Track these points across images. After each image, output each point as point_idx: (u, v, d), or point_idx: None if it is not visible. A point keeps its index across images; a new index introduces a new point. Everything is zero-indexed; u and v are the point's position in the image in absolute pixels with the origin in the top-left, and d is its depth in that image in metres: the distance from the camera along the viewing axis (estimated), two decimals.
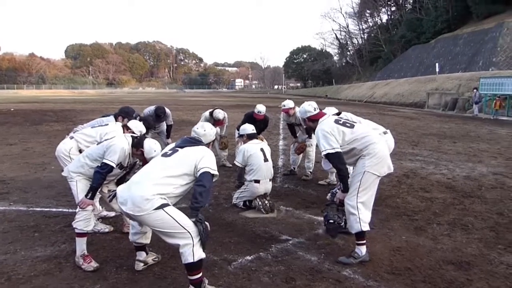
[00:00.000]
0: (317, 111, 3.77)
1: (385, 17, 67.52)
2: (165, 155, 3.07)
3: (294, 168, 6.93)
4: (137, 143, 3.55)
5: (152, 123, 5.26)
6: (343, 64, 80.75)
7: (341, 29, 75.65)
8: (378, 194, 3.67)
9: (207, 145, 3.26)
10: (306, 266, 3.40)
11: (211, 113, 7.12)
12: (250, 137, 5.21)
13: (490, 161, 8.26)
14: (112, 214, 4.54)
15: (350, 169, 3.80)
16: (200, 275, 2.82)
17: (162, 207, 2.74)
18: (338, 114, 4.88)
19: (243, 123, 5.94)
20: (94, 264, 3.29)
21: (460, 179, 6.60)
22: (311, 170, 6.61)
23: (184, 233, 2.74)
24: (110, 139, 3.61)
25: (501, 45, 30.61)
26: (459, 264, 3.45)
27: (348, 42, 77.21)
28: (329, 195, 4.92)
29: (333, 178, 6.17)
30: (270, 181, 5.02)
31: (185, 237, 2.74)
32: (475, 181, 6.46)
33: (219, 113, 7.02)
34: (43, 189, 5.74)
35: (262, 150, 5.00)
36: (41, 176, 6.58)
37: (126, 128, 4.18)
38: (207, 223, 2.86)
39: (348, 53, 78.69)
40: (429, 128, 14.91)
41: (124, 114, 4.69)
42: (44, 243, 3.82)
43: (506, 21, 32.46)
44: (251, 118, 6.55)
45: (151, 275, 3.21)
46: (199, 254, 2.76)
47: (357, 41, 74.54)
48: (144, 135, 4.12)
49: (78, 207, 3.41)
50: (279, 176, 6.79)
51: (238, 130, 6.34)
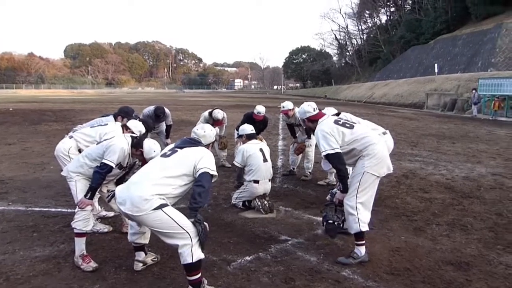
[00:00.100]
0: (317, 111, 3.77)
1: (384, 18, 67.77)
2: (164, 155, 3.06)
3: (293, 168, 6.93)
4: (137, 143, 3.54)
5: (151, 125, 5.26)
6: (342, 64, 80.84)
7: (341, 30, 75.87)
8: (377, 194, 3.67)
9: (207, 146, 3.26)
10: (305, 266, 3.39)
11: (210, 113, 7.15)
12: (249, 137, 5.21)
13: (489, 161, 8.27)
14: (111, 214, 4.54)
15: (349, 169, 3.80)
16: (199, 275, 2.81)
17: (161, 207, 2.73)
18: (337, 114, 4.88)
19: (242, 123, 5.94)
20: (93, 264, 3.29)
21: (459, 180, 6.61)
22: (310, 170, 6.62)
23: (182, 233, 2.73)
24: (109, 139, 3.60)
25: (499, 46, 30.69)
26: (458, 264, 3.45)
27: (347, 42, 77.39)
28: (329, 195, 4.91)
29: (332, 178, 6.17)
30: (269, 181, 5.02)
31: (183, 237, 2.74)
32: (474, 182, 6.47)
33: (218, 113, 7.04)
34: (42, 189, 5.73)
35: (261, 150, 5.00)
36: (40, 176, 6.57)
37: (125, 128, 4.18)
38: (206, 224, 2.85)
39: (347, 53, 78.81)
40: (428, 128, 14.93)
41: (123, 114, 4.68)
42: (43, 243, 3.81)
43: (504, 22, 32.55)
44: (250, 118, 6.56)
45: (150, 276, 3.21)
46: (198, 254, 2.76)
47: (356, 41, 74.75)
48: (143, 135, 4.12)
49: (77, 207, 3.41)
50: (278, 176, 6.79)
51: (237, 130, 6.35)
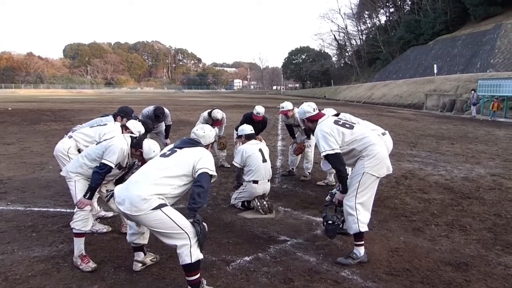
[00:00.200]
0: (316, 111, 3.77)
1: (383, 18, 67.96)
2: (163, 155, 3.06)
3: (292, 168, 6.93)
4: (136, 143, 3.54)
5: (150, 126, 5.26)
6: (342, 65, 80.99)
7: (340, 30, 76.00)
8: (376, 195, 3.66)
9: (206, 146, 3.25)
10: (304, 266, 3.39)
11: (209, 113, 7.16)
12: (248, 137, 5.21)
13: (488, 162, 8.29)
14: (110, 214, 4.54)
15: (348, 170, 3.80)
16: (198, 276, 2.81)
17: (159, 207, 2.73)
18: (336, 115, 4.88)
19: (242, 123, 5.94)
20: (92, 264, 3.28)
21: (458, 180, 6.61)
22: (309, 171, 6.62)
23: (181, 233, 2.73)
24: (109, 139, 3.60)
25: (498, 46, 30.77)
26: (457, 265, 3.45)
27: (346, 43, 77.47)
28: (328, 196, 4.92)
29: (331, 179, 6.18)
30: (268, 181, 5.03)
31: (182, 237, 2.73)
32: (473, 182, 6.48)
33: (218, 113, 7.06)
34: (41, 189, 5.72)
35: (260, 150, 5.00)
36: (39, 175, 6.56)
37: (125, 128, 4.18)
38: (205, 224, 2.85)
39: (346, 54, 78.93)
40: (427, 129, 14.95)
41: (123, 113, 4.67)
42: (41, 243, 3.80)
43: (503, 23, 32.65)
44: (249, 119, 6.56)
45: (149, 276, 3.20)
46: (197, 255, 2.75)
47: (356, 42, 74.87)
48: (143, 135, 4.11)
49: (76, 207, 3.40)
50: (278, 176, 6.79)
51: (236, 130, 6.34)
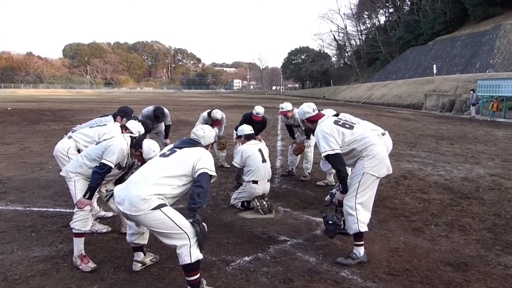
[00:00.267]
0: (316, 112, 3.77)
1: (383, 19, 68.00)
2: (163, 155, 3.06)
3: (292, 169, 6.92)
4: (136, 143, 3.54)
5: (150, 126, 5.26)
6: (341, 65, 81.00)
7: (339, 30, 75.96)
8: (376, 195, 3.66)
9: (206, 147, 3.25)
10: (304, 267, 3.39)
11: (209, 113, 7.17)
12: (248, 138, 5.21)
13: (487, 162, 8.30)
14: (109, 214, 4.54)
15: (348, 170, 3.79)
16: (198, 276, 2.81)
17: (159, 207, 2.73)
18: (336, 115, 4.88)
19: (241, 124, 5.93)
20: (91, 264, 3.27)
21: (457, 181, 6.62)
22: (309, 171, 6.62)
23: (181, 233, 2.73)
24: (108, 139, 3.60)
25: (498, 47, 30.81)
26: (457, 265, 3.46)
27: (346, 43, 77.48)
28: (328, 196, 4.92)
29: (331, 179, 6.18)
30: (268, 182, 5.03)
31: (182, 237, 2.73)
32: (472, 183, 6.48)
33: (217, 113, 7.07)
34: (40, 189, 5.71)
35: (260, 151, 5.00)
36: (38, 175, 6.56)
37: (124, 128, 4.18)
38: (204, 224, 2.85)
39: (346, 54, 78.97)
40: (427, 129, 14.97)
41: (123, 113, 4.67)
42: (41, 243, 3.80)
43: (503, 23, 32.70)
44: (249, 119, 6.54)
45: (149, 276, 3.20)
46: (197, 255, 2.75)
47: (355, 42, 74.86)
48: (142, 135, 4.11)
49: (76, 207, 3.40)
50: (277, 177, 6.79)
51: (236, 130, 6.34)
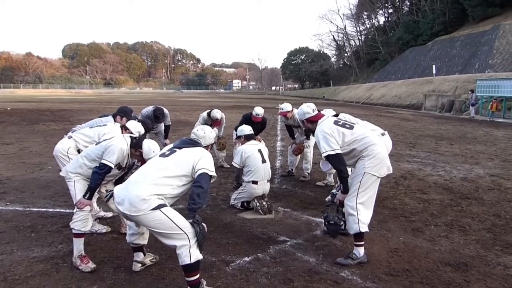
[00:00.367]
0: (316, 112, 3.77)
1: (382, 19, 68.06)
2: (163, 155, 3.05)
3: (292, 169, 6.92)
4: (136, 143, 3.54)
5: (150, 126, 5.27)
6: (341, 65, 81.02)
7: (339, 31, 75.99)
8: (376, 195, 3.66)
9: (206, 147, 3.25)
10: (304, 267, 3.39)
11: (208, 114, 7.18)
12: (247, 138, 5.21)
13: (486, 162, 8.30)
14: (109, 214, 4.53)
15: (348, 170, 3.79)
16: (197, 276, 2.81)
17: (159, 207, 2.72)
18: (336, 115, 4.88)
19: (241, 124, 5.93)
20: (91, 265, 3.27)
21: (457, 181, 6.62)
22: (308, 171, 6.62)
23: (181, 234, 2.73)
24: (108, 139, 3.60)
25: (497, 47, 30.85)
26: (456, 265, 3.46)
27: (345, 43, 77.49)
28: (329, 196, 4.92)
29: (331, 179, 6.18)
30: (268, 182, 5.02)
31: (181, 238, 2.73)
32: (472, 183, 6.49)
33: (217, 113, 7.09)
34: (40, 189, 5.71)
35: (260, 151, 4.99)
36: (38, 176, 6.55)
37: (124, 128, 4.18)
38: (204, 224, 2.85)
39: (345, 54, 79.00)
40: (426, 129, 14.98)
41: (122, 113, 4.67)
42: (41, 244, 3.79)
43: (502, 24, 32.74)
44: (249, 120, 6.52)
45: (148, 276, 3.20)
46: (196, 255, 2.75)
47: (355, 42, 74.86)
48: (142, 135, 4.11)
49: (75, 207, 3.40)
50: (277, 177, 6.79)
51: (236, 131, 6.34)
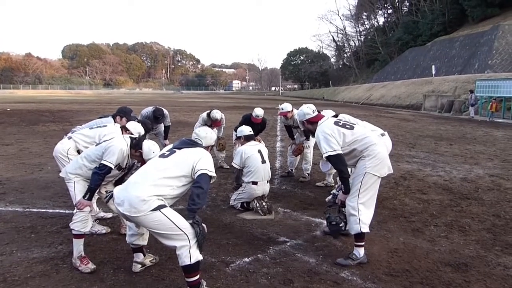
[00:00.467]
0: (316, 113, 3.78)
1: (381, 20, 68.04)
2: (162, 156, 3.05)
3: (291, 169, 6.92)
4: (136, 144, 3.54)
5: (150, 126, 5.27)
6: (340, 66, 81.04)
7: (338, 31, 75.96)
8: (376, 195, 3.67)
9: (206, 148, 3.25)
10: (304, 267, 3.39)
11: (208, 114, 7.17)
12: (247, 138, 5.21)
13: (486, 163, 8.31)
14: (109, 215, 4.53)
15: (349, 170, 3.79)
16: (197, 277, 2.81)
17: (159, 208, 2.72)
18: (335, 116, 4.88)
19: (241, 125, 5.92)
20: (91, 265, 3.27)
21: (457, 181, 6.63)
22: (308, 172, 6.62)
23: (181, 234, 2.73)
24: (108, 140, 3.60)
25: (496, 47, 30.86)
26: (456, 265, 3.46)
27: (345, 44, 77.47)
28: (331, 196, 4.93)
29: (330, 179, 6.18)
30: (267, 182, 5.03)
31: (181, 238, 2.73)
32: (471, 183, 6.49)
33: (217, 113, 7.09)
34: (40, 190, 5.70)
35: (259, 151, 4.99)
36: (37, 176, 6.54)
37: (124, 129, 4.17)
38: (204, 225, 2.85)
39: (345, 55, 79.01)
40: (426, 130, 14.98)
41: (122, 113, 4.67)
42: (40, 244, 3.79)
43: (501, 24, 32.76)
44: (248, 120, 6.52)
45: (148, 277, 3.20)
46: (196, 256, 2.75)
47: (354, 43, 74.86)
48: (142, 136, 4.11)
49: (75, 208, 3.39)
50: (277, 177, 6.78)
51: (235, 131, 6.34)
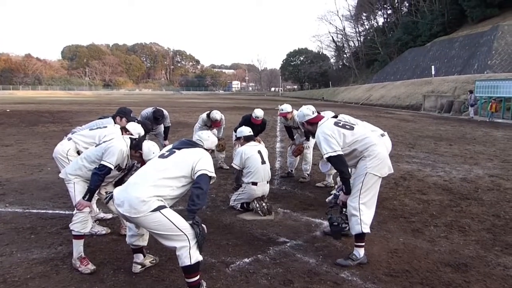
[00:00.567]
0: (315, 114, 3.78)
1: (381, 20, 68.10)
2: (162, 156, 3.05)
3: (291, 170, 6.92)
4: (136, 145, 3.54)
5: (149, 127, 5.27)
6: (340, 66, 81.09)
7: (338, 32, 76.05)
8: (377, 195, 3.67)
9: (206, 150, 3.25)
10: (304, 268, 3.39)
11: (208, 115, 7.17)
12: (247, 139, 5.21)
13: (486, 163, 8.31)
14: (109, 216, 4.53)
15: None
16: (198, 277, 2.81)
17: (159, 209, 2.72)
18: (335, 117, 4.88)
19: (241, 126, 5.92)
20: (91, 266, 3.27)
21: (456, 181, 6.63)
22: (308, 172, 6.62)
23: (180, 235, 2.73)
24: (108, 140, 3.60)
25: (496, 48, 30.89)
26: (456, 266, 3.46)
27: (344, 44, 77.49)
28: (332, 196, 4.93)
29: (330, 180, 6.18)
30: (267, 183, 5.03)
31: (181, 239, 2.73)
32: (471, 183, 6.49)
33: (217, 114, 7.09)
34: (39, 191, 5.70)
35: (259, 152, 5.00)
36: (37, 177, 6.54)
37: (124, 130, 4.18)
38: (204, 226, 2.85)
39: (344, 55, 79.02)
40: (425, 130, 14.99)
41: (122, 114, 4.68)
42: (40, 245, 3.79)
43: (500, 24, 32.78)
44: (248, 121, 6.50)
45: (148, 278, 3.20)
46: (196, 256, 2.75)
47: (354, 43, 74.91)
48: (142, 137, 4.11)
49: (75, 209, 3.39)
50: (277, 178, 6.78)
51: (235, 132, 6.33)
